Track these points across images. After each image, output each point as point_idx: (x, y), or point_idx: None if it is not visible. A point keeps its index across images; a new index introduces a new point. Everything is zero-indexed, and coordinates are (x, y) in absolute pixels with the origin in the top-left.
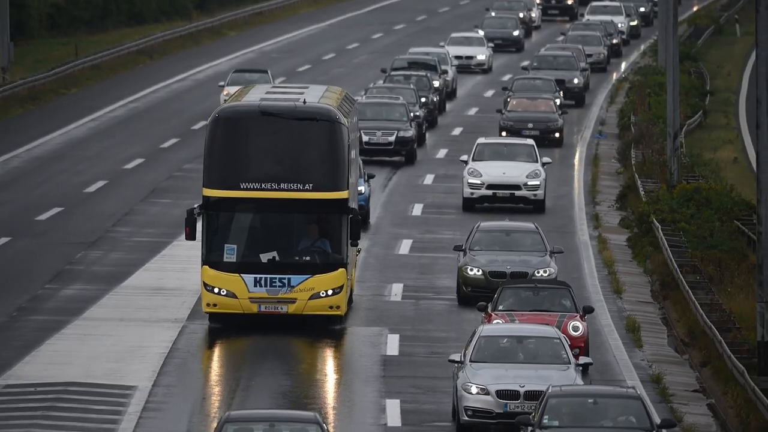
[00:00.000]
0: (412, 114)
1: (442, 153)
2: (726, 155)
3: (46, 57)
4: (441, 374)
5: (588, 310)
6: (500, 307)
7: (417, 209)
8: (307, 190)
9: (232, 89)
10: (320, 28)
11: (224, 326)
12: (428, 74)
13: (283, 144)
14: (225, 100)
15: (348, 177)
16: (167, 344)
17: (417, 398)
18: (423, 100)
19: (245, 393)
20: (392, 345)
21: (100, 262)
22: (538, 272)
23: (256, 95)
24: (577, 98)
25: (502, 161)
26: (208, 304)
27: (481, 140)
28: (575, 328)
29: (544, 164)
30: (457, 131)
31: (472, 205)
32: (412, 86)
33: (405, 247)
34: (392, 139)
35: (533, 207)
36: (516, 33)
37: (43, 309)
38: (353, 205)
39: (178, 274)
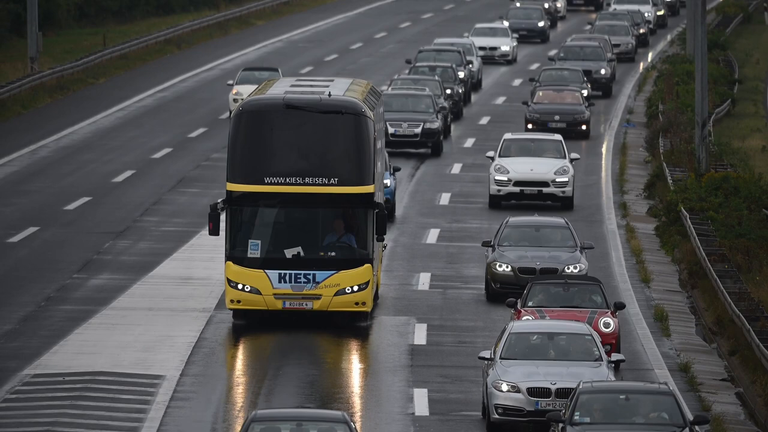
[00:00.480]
0: (438, 105)
1: (469, 142)
2: (754, 144)
3: (74, 47)
4: (468, 363)
5: (619, 306)
6: (530, 304)
7: (444, 198)
8: (332, 185)
9: (242, 88)
10: (348, 18)
11: (248, 323)
12: (453, 65)
13: (308, 138)
14: (234, 100)
15: (374, 171)
16: (195, 334)
17: (444, 388)
18: (448, 91)
19: (272, 383)
20: (420, 334)
21: (128, 252)
22: (568, 268)
23: (281, 88)
24: (604, 89)
25: (530, 157)
26: (231, 301)
27: (507, 136)
28: (606, 325)
29: (572, 160)
30: (484, 120)
31: (498, 203)
32: (437, 77)
33: (432, 236)
34: (418, 130)
35: (561, 204)
36: (541, 24)
37: (72, 299)
38: (379, 199)
39: (206, 263)
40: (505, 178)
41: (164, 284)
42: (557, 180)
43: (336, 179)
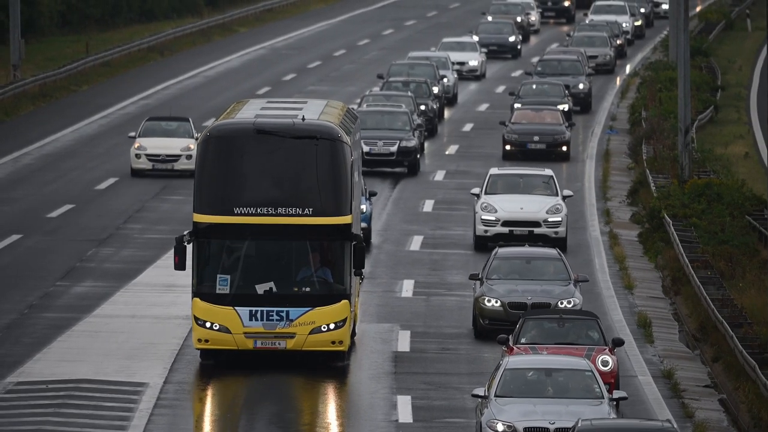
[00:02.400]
0: (414, 123)
1: (452, 149)
2: (737, 150)
3: (57, 54)
4: (452, 371)
5: (618, 343)
6: (522, 340)
7: (428, 205)
8: (306, 215)
9: (146, 141)
10: (331, 25)
11: (217, 363)
12: (428, 80)
13: (280, 165)
14: (137, 155)
15: (351, 200)
16: (178, 341)
17: (428, 394)
18: (422, 107)
19: (257, 386)
20: (403, 341)
21: (111, 259)
22: (562, 303)
23: (251, 111)
24: (582, 104)
25: (519, 194)
26: (199, 340)
27: (493, 171)
28: (604, 363)
29: (564, 197)
30: (467, 127)
31: (485, 244)
32: (410, 93)
33: (416, 243)
34: (394, 149)
35: (554, 246)
36: (512, 39)
37: (55, 306)
38: (357, 230)
39: (190, 271)
40: (493, 218)
41: (147, 292)
42: (549, 220)
43: (310, 209)
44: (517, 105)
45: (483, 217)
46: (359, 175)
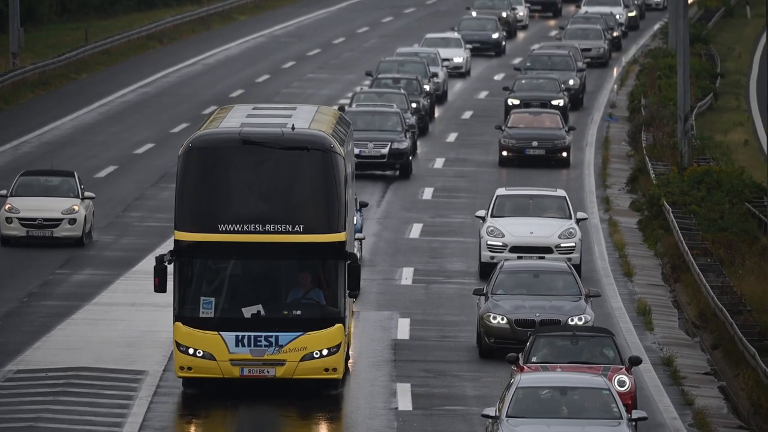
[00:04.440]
0: (406, 123)
1: (452, 137)
2: (737, 137)
3: (56, 42)
4: (452, 358)
5: (635, 362)
6: (533, 359)
7: (427, 193)
8: (297, 233)
9: (18, 201)
10: (330, 12)
11: (201, 393)
12: (418, 77)
13: (268, 178)
14: (7, 219)
15: (345, 216)
16: None
17: (428, 382)
18: (414, 105)
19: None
20: (403, 329)
21: (111, 248)
22: (572, 320)
23: (236, 119)
24: (573, 100)
25: (528, 217)
26: (181, 368)
27: (500, 191)
28: (621, 383)
29: (578, 221)
30: (467, 115)
31: (491, 271)
32: (402, 91)
33: (415, 231)
34: (385, 151)
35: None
36: (495, 36)
37: (54, 294)
38: (351, 248)
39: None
40: (500, 243)
41: (147, 280)
42: (562, 245)
43: (301, 226)
44: (512, 101)
45: (489, 242)
46: (353, 187)
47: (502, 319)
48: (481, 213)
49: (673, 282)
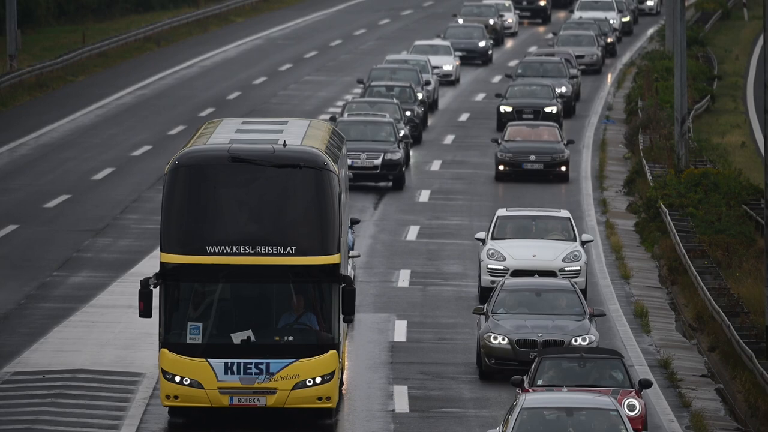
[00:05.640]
0: (399, 133)
1: (449, 139)
2: (734, 140)
3: (53, 44)
4: (448, 360)
5: (645, 385)
6: (539, 382)
7: (424, 195)
8: (288, 255)
9: None
10: (327, 15)
11: (188, 422)
12: (411, 84)
13: (258, 197)
14: None
15: (339, 237)
16: None
17: (425, 384)
18: (407, 113)
19: None
20: (400, 331)
21: (108, 250)
22: (576, 340)
23: (224, 135)
24: (565, 107)
25: (531, 240)
26: (168, 396)
27: (501, 212)
28: (631, 407)
29: (584, 243)
30: (463, 117)
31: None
32: (395, 99)
33: (412, 233)
34: (378, 162)
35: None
36: (482, 44)
37: (51, 296)
38: (345, 271)
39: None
40: (501, 267)
41: None
42: (567, 269)
43: (293, 248)
44: (504, 108)
45: (489, 266)
46: (347, 206)
47: (503, 340)
48: (481, 235)
49: (670, 284)
